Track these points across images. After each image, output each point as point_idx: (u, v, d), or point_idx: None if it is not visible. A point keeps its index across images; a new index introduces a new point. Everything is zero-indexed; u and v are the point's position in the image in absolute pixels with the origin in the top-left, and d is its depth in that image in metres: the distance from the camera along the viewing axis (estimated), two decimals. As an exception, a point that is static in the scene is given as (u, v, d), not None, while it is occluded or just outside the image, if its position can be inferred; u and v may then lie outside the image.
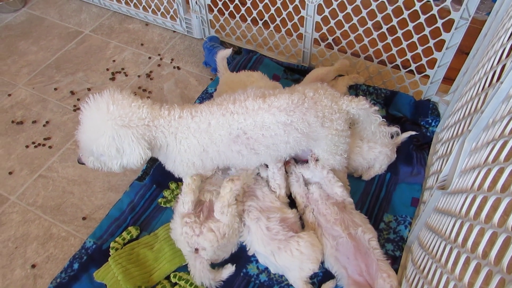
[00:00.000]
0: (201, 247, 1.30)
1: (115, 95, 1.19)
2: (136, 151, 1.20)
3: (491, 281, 0.59)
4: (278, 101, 1.27)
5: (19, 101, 1.98)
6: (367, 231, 1.34)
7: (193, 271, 1.31)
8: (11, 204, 1.61)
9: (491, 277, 0.61)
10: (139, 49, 2.22)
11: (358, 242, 1.33)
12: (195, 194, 1.34)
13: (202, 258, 1.30)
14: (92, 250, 1.45)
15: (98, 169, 1.28)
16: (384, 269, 1.27)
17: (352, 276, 1.30)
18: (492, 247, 0.65)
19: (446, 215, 1.04)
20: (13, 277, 1.42)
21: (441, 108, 1.76)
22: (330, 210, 1.39)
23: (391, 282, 1.24)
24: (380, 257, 1.30)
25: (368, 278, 1.29)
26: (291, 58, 2.06)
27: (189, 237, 1.29)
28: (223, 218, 1.30)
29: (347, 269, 1.31)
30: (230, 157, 1.34)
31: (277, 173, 1.46)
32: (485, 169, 0.81)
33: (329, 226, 1.37)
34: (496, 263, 0.61)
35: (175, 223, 1.35)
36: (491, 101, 0.94)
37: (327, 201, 1.41)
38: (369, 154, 1.54)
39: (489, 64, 1.15)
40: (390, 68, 1.82)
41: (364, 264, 1.30)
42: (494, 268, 0.61)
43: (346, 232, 1.34)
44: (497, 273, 0.59)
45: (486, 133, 0.94)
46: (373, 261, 1.29)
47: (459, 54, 1.60)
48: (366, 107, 1.36)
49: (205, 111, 1.28)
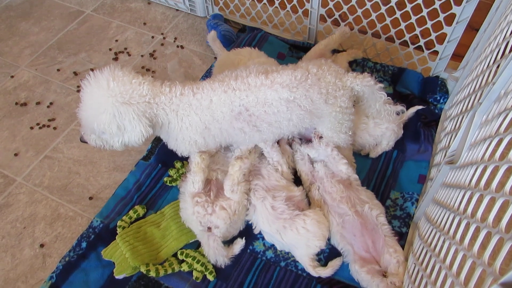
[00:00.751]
0: (214, 225, 1.30)
1: (115, 72, 1.17)
2: (137, 128, 1.19)
3: (502, 247, 0.58)
4: (281, 77, 1.25)
5: (22, 82, 1.97)
6: (374, 207, 1.34)
7: (207, 250, 1.32)
8: (18, 185, 1.62)
9: (502, 244, 0.60)
10: (142, 28, 2.19)
11: (365, 219, 1.32)
12: (205, 173, 1.34)
13: (215, 236, 1.31)
14: (99, 229, 1.46)
15: (100, 147, 1.27)
16: (391, 244, 1.27)
17: (358, 252, 1.30)
18: (503, 215, 0.64)
19: (454, 189, 1.02)
20: (22, 257, 1.43)
21: (449, 84, 1.73)
22: (336, 188, 1.38)
23: (398, 257, 1.24)
24: (388, 233, 1.30)
25: (374, 254, 1.29)
26: (296, 36, 2.03)
27: (201, 216, 1.30)
28: (233, 196, 1.30)
29: (353, 245, 1.31)
30: (232, 135, 1.33)
31: (271, 151, 1.44)
32: (496, 139, 0.80)
33: (335, 204, 1.36)
34: (508, 230, 0.60)
35: (186, 202, 1.34)
36: (503, 71, 0.92)
37: (332, 179, 1.40)
38: (376, 131, 1.52)
39: (501, 36, 1.12)
40: (398, 44, 1.79)
41: (370, 241, 1.30)
42: (506, 235, 0.60)
43: (352, 209, 1.33)
44: (509, 239, 0.58)
45: (497, 104, 0.92)
46: (380, 237, 1.29)
47: (469, 30, 1.56)
48: (371, 84, 1.33)
49: (206, 88, 1.27)
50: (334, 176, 1.42)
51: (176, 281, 1.34)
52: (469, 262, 0.75)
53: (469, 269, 0.74)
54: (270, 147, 1.44)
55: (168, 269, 1.33)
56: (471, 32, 1.58)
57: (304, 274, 1.33)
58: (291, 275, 1.34)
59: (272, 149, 1.44)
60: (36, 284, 1.37)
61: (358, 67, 1.88)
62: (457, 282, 0.76)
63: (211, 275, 1.33)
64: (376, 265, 1.27)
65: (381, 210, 1.34)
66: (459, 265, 0.80)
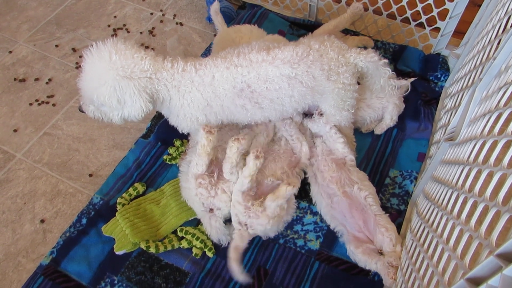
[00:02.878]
0: (216, 207, 1.31)
1: (118, 45, 1.16)
2: (137, 103, 1.18)
3: (499, 220, 0.59)
4: (282, 53, 1.23)
5: (20, 58, 1.95)
6: (363, 188, 1.33)
7: (209, 230, 1.33)
8: (18, 161, 1.62)
9: (498, 217, 0.60)
10: (141, 4, 2.16)
11: (354, 200, 1.32)
12: (210, 156, 1.33)
13: (216, 217, 1.32)
14: (99, 206, 1.47)
15: (98, 119, 1.27)
16: (382, 223, 1.26)
17: (352, 232, 1.31)
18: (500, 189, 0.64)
19: (453, 165, 1.02)
20: (23, 232, 1.45)
21: (451, 62, 1.72)
22: (328, 167, 1.38)
23: (390, 235, 1.24)
24: (378, 212, 1.29)
25: (367, 233, 1.30)
26: (297, 13, 2.00)
27: (204, 198, 1.30)
28: (232, 177, 1.30)
29: (345, 226, 1.32)
30: (234, 112, 1.32)
31: (289, 129, 1.45)
32: (495, 114, 0.79)
33: (325, 184, 1.37)
34: (505, 203, 0.61)
35: (189, 183, 1.34)
36: (504, 46, 0.91)
37: (327, 157, 1.40)
38: (375, 103, 1.51)
39: (503, 10, 1.10)
40: (400, 21, 1.76)
41: (361, 221, 1.30)
42: (502, 208, 0.60)
43: (341, 190, 1.33)
44: (506, 212, 0.58)
45: (498, 80, 0.91)
46: (371, 216, 1.29)
47: (471, 6, 1.54)
48: (375, 59, 1.31)
49: (209, 64, 1.25)
50: (330, 153, 1.42)
51: (176, 257, 1.36)
52: (466, 236, 0.75)
53: (466, 243, 0.75)
54: (288, 125, 1.45)
55: (167, 246, 1.35)
56: (473, 8, 1.55)
57: (302, 251, 1.35)
58: (290, 252, 1.35)
59: (290, 126, 1.45)
60: (37, 258, 1.39)
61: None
62: (453, 255, 0.76)
63: (210, 251, 1.35)
64: (371, 244, 1.28)
65: (371, 191, 1.33)
66: (456, 239, 0.81)
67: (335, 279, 1.29)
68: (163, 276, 1.32)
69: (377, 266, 1.22)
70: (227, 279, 1.31)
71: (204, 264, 1.34)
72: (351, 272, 1.30)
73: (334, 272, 1.31)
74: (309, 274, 1.31)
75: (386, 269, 1.19)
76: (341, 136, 1.43)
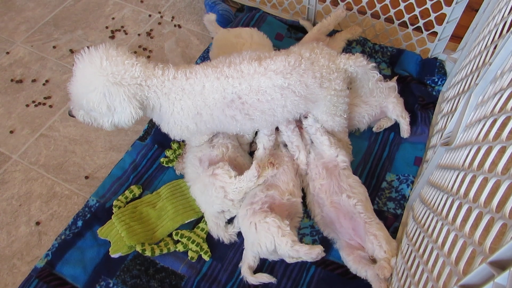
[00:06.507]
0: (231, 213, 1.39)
1: (109, 51, 1.15)
2: (127, 110, 1.17)
3: (493, 226, 0.58)
4: (275, 63, 1.23)
5: (17, 59, 1.95)
6: (352, 196, 1.32)
7: (215, 229, 1.37)
8: (14, 163, 1.61)
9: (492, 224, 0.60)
10: (139, 6, 2.16)
11: (342, 209, 1.32)
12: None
13: (223, 218, 1.38)
14: (95, 208, 1.46)
15: (88, 124, 1.26)
16: (371, 231, 1.25)
17: (344, 239, 1.31)
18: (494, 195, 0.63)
19: (449, 170, 1.02)
20: (18, 234, 1.44)
21: (448, 66, 1.72)
22: (319, 174, 1.38)
23: (380, 243, 1.23)
24: (367, 220, 1.28)
25: (359, 241, 1.29)
26: (295, 16, 2.00)
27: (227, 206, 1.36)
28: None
29: (337, 233, 1.32)
30: (224, 122, 1.31)
31: (291, 135, 1.44)
32: (491, 120, 0.79)
33: (315, 194, 1.37)
34: (498, 209, 0.60)
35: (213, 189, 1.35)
36: (500, 52, 0.91)
37: (318, 162, 1.40)
38: (372, 101, 1.53)
39: (500, 16, 1.10)
40: (397, 25, 1.77)
41: (351, 229, 1.30)
42: (496, 214, 0.60)
43: (329, 200, 1.34)
44: (499, 219, 0.58)
45: (493, 85, 0.91)
46: (360, 224, 1.28)
47: (469, 10, 1.54)
48: (363, 64, 1.31)
49: (200, 73, 1.24)
50: (321, 157, 1.42)
51: (172, 260, 1.35)
52: (461, 242, 0.75)
53: (460, 249, 0.75)
54: (291, 131, 1.45)
55: (163, 249, 1.35)
56: (470, 13, 1.56)
57: (298, 254, 1.35)
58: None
59: (293, 133, 1.45)
60: (31, 261, 1.38)
61: (359, 45, 1.86)
62: (448, 261, 0.76)
63: (206, 255, 1.34)
64: (363, 251, 1.27)
65: (359, 198, 1.32)
66: (450, 245, 0.80)
67: (331, 283, 1.29)
68: (159, 279, 1.32)
69: (367, 274, 1.22)
70: (223, 283, 1.30)
71: (200, 267, 1.34)
72: (347, 276, 1.30)
73: (330, 276, 1.30)
74: (305, 278, 1.31)
75: (378, 282, 1.19)
76: (327, 138, 1.42)
